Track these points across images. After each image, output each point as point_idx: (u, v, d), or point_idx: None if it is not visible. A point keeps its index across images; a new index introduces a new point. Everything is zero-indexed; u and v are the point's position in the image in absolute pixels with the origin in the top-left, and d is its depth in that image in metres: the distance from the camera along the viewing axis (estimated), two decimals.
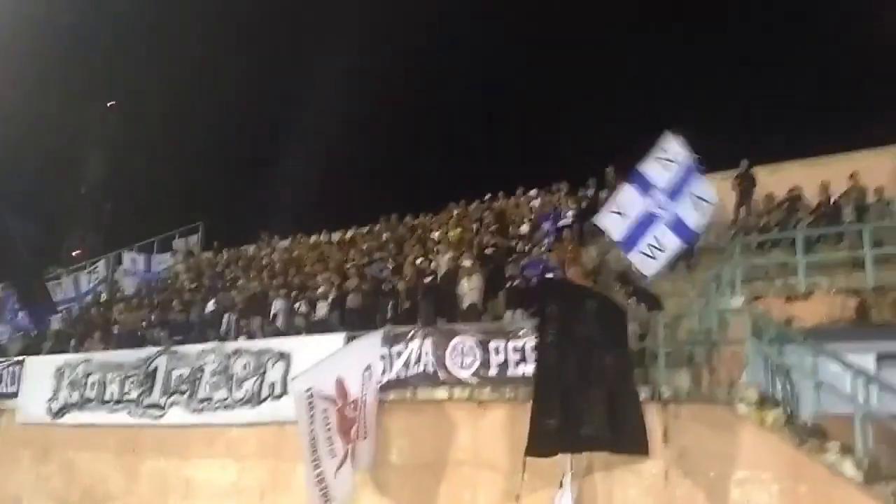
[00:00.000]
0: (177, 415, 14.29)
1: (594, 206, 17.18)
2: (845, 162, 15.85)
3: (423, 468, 11.46)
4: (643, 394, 9.87)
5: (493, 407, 11.14)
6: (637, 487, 9.73)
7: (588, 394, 9.14)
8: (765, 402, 9.11)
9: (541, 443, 8.91)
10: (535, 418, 8.97)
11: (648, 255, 11.24)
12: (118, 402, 15.17)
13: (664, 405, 9.75)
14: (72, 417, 15.73)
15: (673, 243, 11.42)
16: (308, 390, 10.51)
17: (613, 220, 11.44)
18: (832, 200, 14.34)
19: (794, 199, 15.16)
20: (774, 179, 16.27)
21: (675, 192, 11.45)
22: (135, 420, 14.80)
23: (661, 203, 11.37)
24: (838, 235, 13.23)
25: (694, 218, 11.57)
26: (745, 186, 15.74)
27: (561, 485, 9.77)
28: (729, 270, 11.88)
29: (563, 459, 9.78)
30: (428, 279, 14.76)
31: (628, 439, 9.37)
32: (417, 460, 11.54)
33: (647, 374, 10.55)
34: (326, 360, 11.14)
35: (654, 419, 9.75)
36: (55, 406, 15.97)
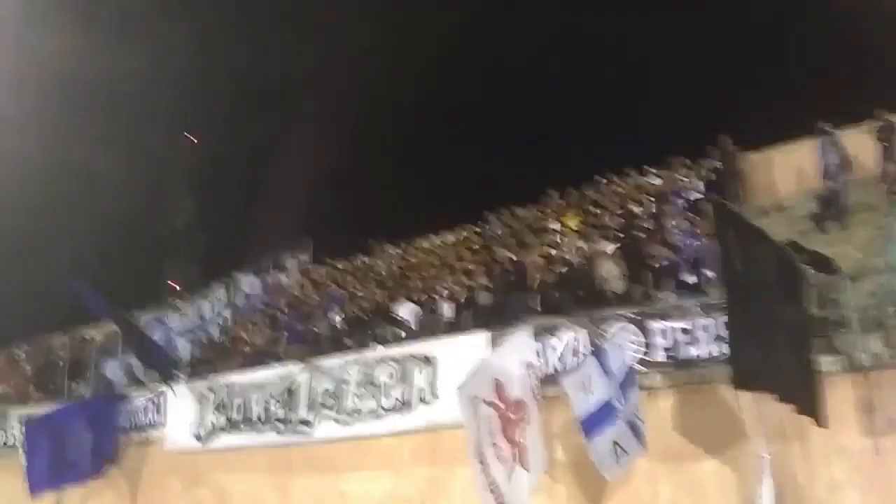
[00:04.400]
0: (326, 429, 14.19)
1: (722, 177, 16.53)
2: None
3: (593, 464, 10.95)
4: (835, 366, 9.21)
5: (664, 394, 10.58)
6: (843, 466, 9.04)
7: (777, 339, 8.49)
8: None
9: (744, 376, 8.30)
10: (735, 349, 8.37)
11: (612, 454, 9.53)
12: (264, 421, 15.19)
13: (864, 374, 9.02)
14: (220, 441, 15.85)
15: (634, 449, 9.77)
16: (473, 396, 10.12)
17: (577, 389, 9.49)
18: None
19: None
20: None
21: (626, 391, 9.85)
22: (284, 438, 14.78)
23: (617, 395, 9.67)
24: None
25: (641, 431, 9.98)
26: (890, 136, 14.70)
27: (761, 470, 9.14)
28: None
29: (758, 439, 9.19)
30: (561, 269, 14.30)
31: (809, 402, 8.66)
32: (587, 457, 11.02)
33: (830, 344, 9.80)
34: (484, 362, 10.74)
35: (853, 390, 9.07)
36: (202, 431, 16.14)
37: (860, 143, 15.47)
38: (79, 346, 24.13)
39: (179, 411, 16.67)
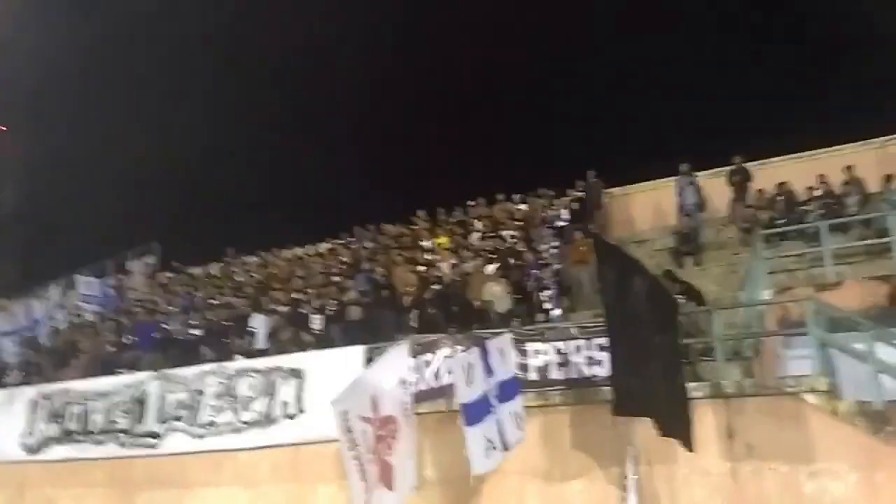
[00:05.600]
0: (175, 442, 13.34)
1: (585, 208, 17.19)
2: (832, 156, 16.29)
3: (464, 481, 10.85)
4: (700, 391, 9.68)
5: (536, 413, 10.69)
6: (703, 487, 9.46)
7: (649, 366, 8.82)
8: (833, 391, 9.01)
9: (625, 402, 8.51)
10: (615, 375, 8.64)
11: (483, 448, 9.15)
12: (105, 432, 14.08)
13: (726, 401, 9.53)
14: (52, 452, 14.53)
15: (501, 448, 9.40)
16: (345, 412, 9.80)
17: (460, 374, 9.24)
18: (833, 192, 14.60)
19: (788, 192, 15.35)
20: (762, 175, 16.48)
21: (502, 395, 9.61)
22: (126, 451, 13.75)
23: (495, 392, 9.49)
24: (842, 226, 13.45)
25: (514, 435, 9.71)
26: (741, 182, 15.87)
27: (625, 488, 9.44)
28: (758, 264, 11.86)
29: (624, 459, 9.51)
30: (435, 287, 14.29)
31: (678, 427, 9.06)
32: (457, 473, 10.89)
33: (695, 372, 10.34)
34: (361, 377, 10.45)
35: (715, 416, 9.55)
36: (31, 441, 14.74)
37: (713, 185, 16.61)
38: None
39: (6, 419, 15.14)
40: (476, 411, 9.03)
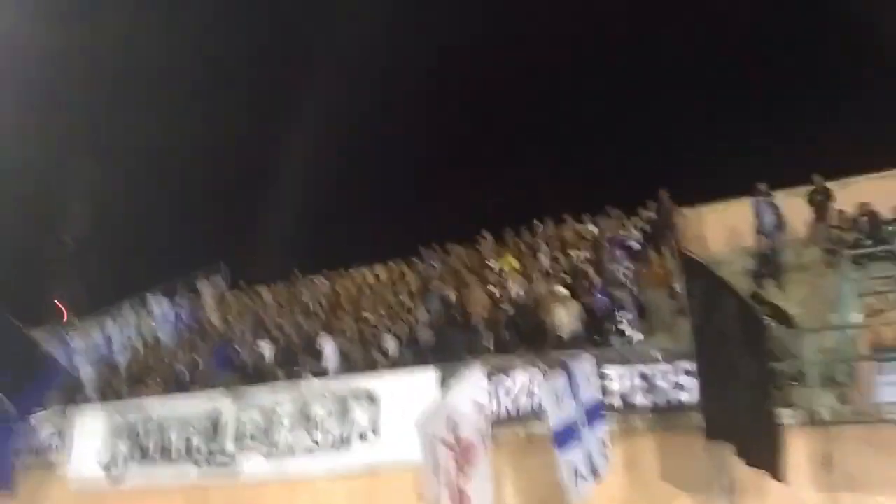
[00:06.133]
0: (251, 465, 13.42)
1: (657, 229, 16.84)
2: None
3: None
4: (791, 418, 9.32)
5: (618, 440, 10.44)
6: None
7: (736, 389, 8.52)
8: None
9: (714, 427, 8.23)
10: (705, 400, 8.35)
11: (574, 476, 8.97)
12: (182, 454, 14.25)
13: (819, 428, 9.16)
14: (130, 473, 14.74)
15: (590, 478, 9.24)
16: (428, 434, 9.71)
17: (550, 400, 9.18)
18: None
19: (871, 212, 14.81)
20: (841, 195, 15.94)
21: (589, 419, 9.49)
22: (203, 473, 13.87)
23: (582, 420, 9.37)
24: None
25: (602, 462, 9.61)
26: (822, 201, 15.37)
27: None
28: (847, 286, 11.43)
29: (712, 489, 9.20)
30: (508, 309, 14.16)
31: (766, 456, 8.69)
32: (535, 501, 10.76)
33: (786, 397, 9.96)
34: (440, 400, 10.38)
35: (809, 444, 9.19)
36: (110, 462, 15.00)
37: (792, 205, 16.12)
38: None
39: (85, 439, 15.44)
40: (565, 437, 8.86)
